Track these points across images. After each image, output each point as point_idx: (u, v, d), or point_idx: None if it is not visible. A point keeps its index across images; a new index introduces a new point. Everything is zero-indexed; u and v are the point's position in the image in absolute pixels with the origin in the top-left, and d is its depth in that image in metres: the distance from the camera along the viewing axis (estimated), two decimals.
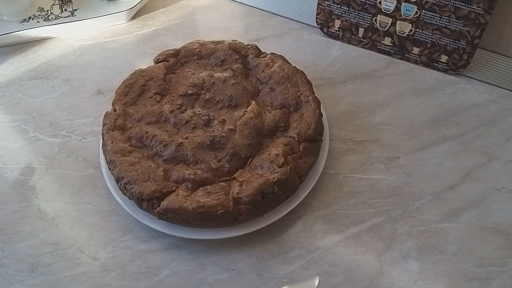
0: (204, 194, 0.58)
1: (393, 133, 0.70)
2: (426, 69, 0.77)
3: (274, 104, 0.67)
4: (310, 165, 0.62)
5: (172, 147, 0.62)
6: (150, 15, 0.88)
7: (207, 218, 0.57)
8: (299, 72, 0.69)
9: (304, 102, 0.66)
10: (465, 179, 0.65)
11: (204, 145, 0.62)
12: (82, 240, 0.61)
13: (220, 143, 0.62)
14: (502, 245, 0.59)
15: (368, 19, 0.77)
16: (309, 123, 0.63)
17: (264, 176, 0.58)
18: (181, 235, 0.59)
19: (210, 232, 0.59)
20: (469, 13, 0.69)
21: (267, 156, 0.60)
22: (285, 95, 0.66)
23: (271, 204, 0.59)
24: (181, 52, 0.73)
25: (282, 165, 0.59)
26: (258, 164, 0.61)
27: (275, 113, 0.65)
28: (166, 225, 0.60)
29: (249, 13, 0.87)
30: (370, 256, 0.59)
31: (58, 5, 0.87)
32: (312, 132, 0.63)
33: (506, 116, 0.71)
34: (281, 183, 0.58)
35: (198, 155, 0.61)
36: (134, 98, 0.68)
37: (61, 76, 0.79)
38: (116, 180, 0.61)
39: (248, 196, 0.57)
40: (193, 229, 0.59)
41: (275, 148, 0.61)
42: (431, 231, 0.60)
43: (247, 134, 0.63)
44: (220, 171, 0.60)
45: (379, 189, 0.64)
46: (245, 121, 0.64)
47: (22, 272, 0.59)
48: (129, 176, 0.59)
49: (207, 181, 0.59)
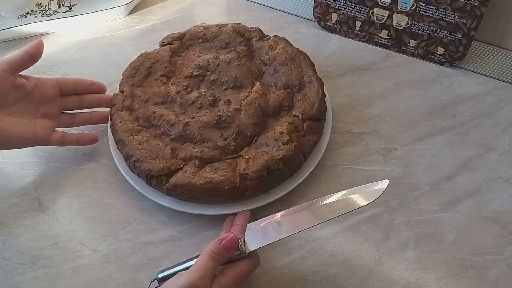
0: (212, 170, 0.59)
1: (391, 125, 0.70)
2: (423, 62, 0.78)
3: (278, 84, 0.68)
4: (314, 142, 0.63)
5: (179, 126, 0.63)
6: (147, 10, 0.88)
7: (215, 194, 0.58)
8: (302, 53, 0.70)
9: (308, 82, 0.67)
10: (462, 170, 0.66)
11: (210, 124, 0.63)
12: (82, 233, 0.61)
13: (226, 122, 0.63)
14: (499, 234, 0.60)
15: (365, 12, 0.77)
16: (312, 102, 0.64)
17: (270, 153, 0.60)
18: (189, 211, 0.60)
19: (219, 207, 0.60)
20: (465, 5, 0.70)
21: (272, 134, 0.62)
22: (289, 76, 0.67)
23: (277, 180, 0.60)
24: (186, 35, 0.74)
25: (287, 142, 0.60)
26: (263, 142, 0.62)
27: (279, 93, 0.66)
28: (174, 201, 0.61)
29: (246, 7, 0.87)
30: (368, 246, 0.59)
31: (55, 0, 0.87)
32: (315, 111, 0.64)
33: (502, 107, 0.72)
34: (286, 160, 0.60)
35: (205, 134, 0.62)
36: (141, 80, 0.69)
37: (59, 71, 0.79)
38: (125, 159, 0.62)
39: (255, 172, 0.58)
40: (202, 206, 0.60)
41: (280, 126, 0.63)
42: (428, 221, 0.61)
43: (252, 114, 0.64)
44: (227, 149, 0.61)
45: (377, 180, 0.65)
46: (250, 101, 0.65)
47: (23, 265, 0.59)
48: (138, 154, 0.60)
49: (214, 158, 0.61)
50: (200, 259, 0.49)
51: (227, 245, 0.50)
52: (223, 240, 0.50)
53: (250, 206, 0.60)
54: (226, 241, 0.50)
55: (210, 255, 0.49)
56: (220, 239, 0.50)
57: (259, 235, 0.52)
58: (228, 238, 0.50)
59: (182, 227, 0.61)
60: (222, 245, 0.50)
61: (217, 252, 0.49)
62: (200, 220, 0.62)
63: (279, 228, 0.52)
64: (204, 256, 0.49)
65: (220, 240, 0.50)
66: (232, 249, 0.50)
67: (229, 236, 0.50)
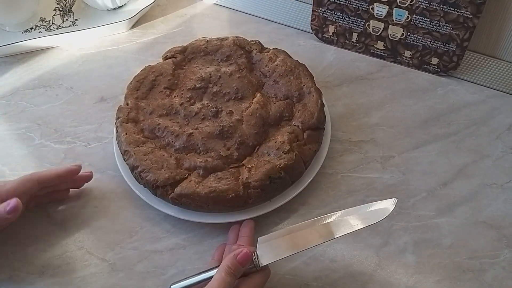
0: (215, 179, 0.61)
1: (388, 133, 0.73)
2: (418, 72, 0.80)
3: (278, 95, 0.70)
4: (314, 151, 0.65)
5: (183, 137, 0.65)
6: (149, 24, 0.90)
7: (219, 202, 0.60)
8: (301, 65, 0.72)
9: (307, 93, 0.69)
10: (458, 176, 0.68)
11: (213, 135, 0.65)
12: (90, 243, 0.63)
13: (229, 133, 0.65)
14: (494, 237, 0.62)
15: (361, 24, 0.80)
16: (312, 112, 0.67)
17: (271, 162, 0.62)
18: (194, 219, 0.62)
19: (223, 215, 0.62)
20: (458, 17, 0.72)
21: (273, 144, 0.64)
22: (288, 87, 0.70)
23: (279, 189, 0.62)
24: (188, 49, 0.77)
25: (288, 151, 0.63)
26: (265, 152, 0.64)
27: (280, 103, 0.68)
28: (179, 210, 0.63)
29: (246, 20, 0.90)
30: (368, 251, 0.61)
31: (59, 15, 0.89)
32: (315, 121, 0.66)
33: (495, 115, 0.74)
34: (288, 168, 0.61)
35: (208, 144, 0.64)
36: (145, 93, 0.71)
37: (64, 84, 0.81)
38: (131, 169, 0.64)
39: (257, 180, 0.60)
40: (206, 214, 0.62)
41: (281, 136, 0.65)
42: (426, 226, 0.63)
43: (254, 124, 0.66)
44: (230, 159, 0.63)
45: (375, 187, 0.67)
46: (251, 112, 0.67)
47: (32, 274, 0.60)
48: (144, 164, 0.62)
49: (217, 168, 0.62)
50: (217, 274, 0.51)
51: (242, 260, 0.51)
52: (238, 255, 0.51)
53: (253, 214, 0.61)
54: (241, 256, 0.51)
55: (227, 271, 0.51)
56: (235, 254, 0.52)
57: (272, 249, 0.53)
58: (242, 253, 0.52)
59: (186, 235, 0.63)
60: (237, 260, 0.51)
61: (233, 268, 0.51)
62: (204, 228, 0.63)
63: (291, 243, 0.53)
64: (221, 272, 0.51)
65: (235, 256, 0.52)
66: (246, 263, 0.52)
67: (243, 251, 0.52)
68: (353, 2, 0.77)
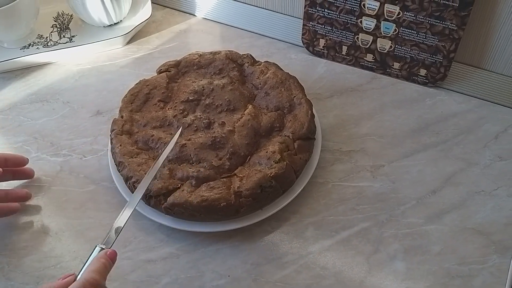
0: (207, 189, 0.62)
1: (378, 143, 0.74)
2: (407, 83, 0.82)
3: (269, 107, 0.72)
4: (304, 161, 0.67)
5: (176, 148, 0.66)
6: (145, 40, 0.92)
7: (211, 211, 0.61)
8: (291, 77, 0.74)
9: (297, 104, 0.71)
10: (446, 184, 0.69)
11: (205, 145, 0.66)
12: (84, 253, 0.64)
13: (221, 143, 0.66)
14: (482, 244, 0.63)
15: (351, 37, 0.82)
16: (302, 122, 0.68)
17: (262, 171, 0.63)
18: (187, 228, 0.63)
19: (215, 224, 0.63)
20: (444, 29, 0.74)
21: (265, 154, 0.65)
22: (279, 98, 0.71)
23: (270, 197, 0.63)
24: (181, 62, 0.78)
25: (279, 161, 0.64)
26: (256, 161, 0.65)
27: (271, 115, 0.70)
28: (172, 220, 0.64)
29: (239, 35, 0.92)
30: (359, 258, 0.62)
31: (56, 32, 0.91)
32: (305, 131, 0.68)
33: (482, 124, 0.76)
34: (278, 177, 0.63)
35: (201, 154, 0.66)
36: (139, 106, 0.73)
37: (61, 99, 0.82)
38: (125, 180, 0.66)
39: (248, 189, 0.61)
40: (199, 223, 0.63)
41: (272, 146, 0.66)
42: (415, 233, 0.64)
43: (245, 134, 0.67)
44: (221, 169, 0.65)
45: (366, 196, 0.68)
46: (243, 123, 0.68)
47: (28, 285, 0.61)
48: (138, 175, 0.63)
49: (209, 177, 0.64)
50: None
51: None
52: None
53: (245, 223, 0.63)
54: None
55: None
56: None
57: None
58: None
59: (180, 244, 0.64)
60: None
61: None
62: (198, 237, 0.64)
63: None
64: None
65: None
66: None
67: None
68: (342, 16, 0.79)
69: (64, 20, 0.93)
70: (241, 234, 0.64)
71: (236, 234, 0.64)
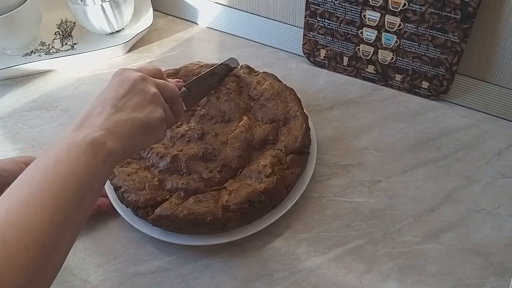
0: (195, 202, 0.61)
1: (376, 157, 0.72)
2: (409, 95, 0.80)
3: (265, 119, 0.71)
4: (297, 175, 0.65)
5: (167, 158, 0.65)
6: (146, 48, 0.92)
7: (197, 225, 0.60)
8: (288, 89, 0.73)
9: (293, 117, 0.69)
10: (445, 201, 0.67)
11: (197, 157, 0.65)
12: (74, 264, 0.63)
13: (212, 155, 0.65)
14: (480, 265, 0.61)
15: (352, 48, 0.80)
16: (296, 136, 0.67)
17: (252, 186, 0.62)
18: (177, 241, 0.62)
19: (206, 238, 0.62)
20: (446, 42, 0.72)
21: (256, 167, 0.64)
22: (275, 110, 0.70)
23: (259, 212, 0.62)
24: (180, 71, 0.78)
25: (269, 175, 0.63)
26: (247, 175, 0.64)
27: (265, 127, 0.69)
28: (163, 232, 0.63)
29: (240, 44, 0.91)
30: (351, 277, 0.60)
31: (59, 39, 0.92)
32: (298, 145, 0.66)
33: (486, 140, 0.73)
34: (268, 192, 0.61)
35: (191, 166, 0.65)
36: None
37: (60, 106, 0.83)
38: (115, 189, 0.65)
39: (236, 204, 0.60)
40: (190, 237, 0.62)
41: (264, 159, 0.65)
42: (411, 252, 0.62)
43: (238, 147, 0.66)
44: (211, 181, 0.64)
45: (361, 212, 0.66)
46: (236, 135, 0.67)
47: None
48: (126, 185, 0.63)
49: (198, 190, 0.63)
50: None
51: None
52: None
53: (234, 237, 0.61)
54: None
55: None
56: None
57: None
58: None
59: (170, 258, 0.63)
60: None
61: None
62: (188, 251, 0.64)
63: None
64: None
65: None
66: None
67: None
68: (343, 26, 0.78)
69: (67, 27, 0.93)
70: (231, 249, 0.63)
71: (226, 248, 0.63)
